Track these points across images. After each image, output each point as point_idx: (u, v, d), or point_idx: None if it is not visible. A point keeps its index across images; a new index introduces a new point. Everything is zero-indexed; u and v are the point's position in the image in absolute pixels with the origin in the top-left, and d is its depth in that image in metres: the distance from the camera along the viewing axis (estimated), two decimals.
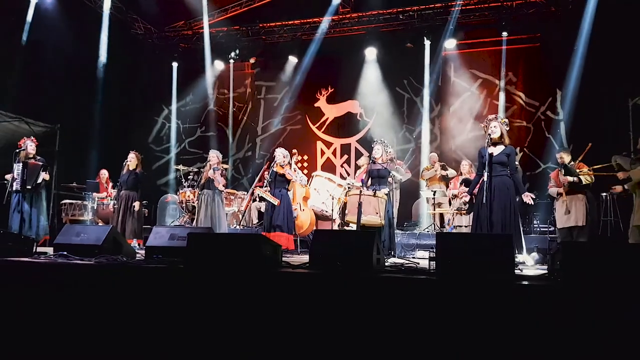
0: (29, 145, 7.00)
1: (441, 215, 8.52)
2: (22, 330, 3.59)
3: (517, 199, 5.08)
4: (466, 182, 7.33)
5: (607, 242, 7.27)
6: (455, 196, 7.68)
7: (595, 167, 6.31)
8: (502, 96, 10.22)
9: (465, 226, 7.29)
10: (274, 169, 6.82)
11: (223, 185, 7.03)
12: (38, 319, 3.59)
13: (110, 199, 8.18)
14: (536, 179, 9.48)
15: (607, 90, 8.68)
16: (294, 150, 7.47)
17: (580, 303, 2.69)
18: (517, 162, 6.29)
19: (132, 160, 7.31)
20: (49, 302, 3.60)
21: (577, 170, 6.24)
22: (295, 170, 7.22)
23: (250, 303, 3.23)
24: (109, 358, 3.40)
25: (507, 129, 5.26)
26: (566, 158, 6.44)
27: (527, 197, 4.95)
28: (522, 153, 10.03)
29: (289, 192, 6.94)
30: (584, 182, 6.17)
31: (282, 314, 3.14)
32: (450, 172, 8.64)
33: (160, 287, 3.51)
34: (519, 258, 4.73)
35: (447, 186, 8.49)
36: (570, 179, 6.20)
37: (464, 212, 7.37)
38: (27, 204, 6.86)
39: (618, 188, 6.25)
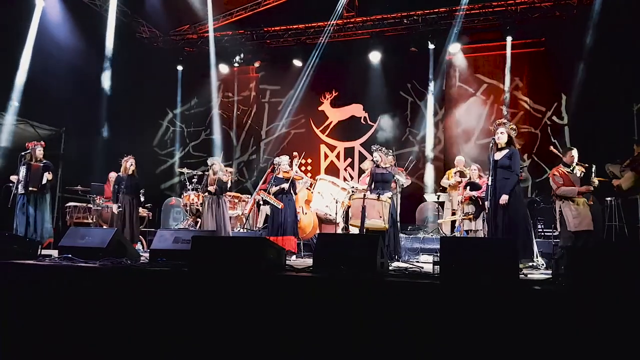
0: (37, 149, 7.05)
1: (452, 222, 8.47)
2: (27, 332, 3.60)
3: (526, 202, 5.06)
4: (471, 186, 7.28)
5: (612, 247, 7.24)
6: (460, 202, 7.61)
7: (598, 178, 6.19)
8: (507, 101, 10.19)
9: (474, 230, 7.25)
10: (279, 176, 6.86)
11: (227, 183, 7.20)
12: (42, 321, 3.60)
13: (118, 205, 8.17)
14: (543, 185, 9.44)
15: (612, 95, 8.66)
16: (295, 153, 7.49)
17: (585, 308, 2.68)
18: (524, 166, 6.13)
19: (132, 165, 7.44)
20: (54, 305, 3.62)
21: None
22: (297, 172, 7.27)
23: (254, 306, 3.23)
24: None
25: (515, 134, 5.25)
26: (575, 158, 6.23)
27: (502, 200, 4.92)
28: (530, 160, 10.00)
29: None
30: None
31: (285, 318, 3.14)
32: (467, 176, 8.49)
33: (164, 290, 3.51)
34: (531, 263, 4.71)
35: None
36: (596, 181, 5.82)
37: (472, 215, 7.32)
38: (32, 206, 6.90)
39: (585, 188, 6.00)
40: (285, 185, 6.77)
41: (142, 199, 7.59)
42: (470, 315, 2.82)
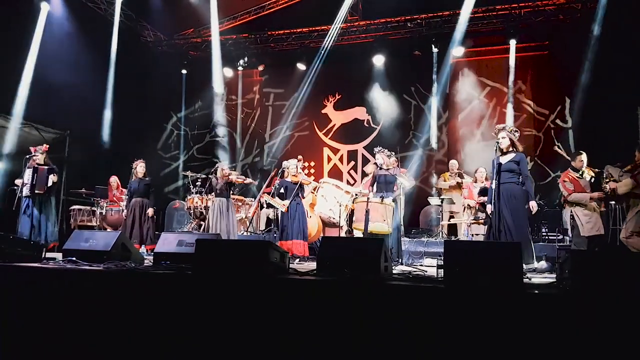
0: (40, 153, 7.11)
1: (454, 225, 8.44)
2: (30, 335, 3.61)
3: (526, 206, 5.05)
4: (483, 192, 7.25)
5: (616, 250, 7.20)
6: (470, 207, 7.56)
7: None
8: (510, 104, 10.19)
9: (483, 234, 7.23)
10: (288, 180, 6.86)
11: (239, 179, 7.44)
12: (46, 324, 3.61)
13: (124, 206, 8.18)
14: (547, 188, 9.41)
15: (616, 98, 8.63)
16: (299, 157, 7.50)
17: (589, 312, 2.67)
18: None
19: (141, 168, 7.49)
20: (58, 308, 3.63)
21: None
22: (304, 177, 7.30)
23: (258, 309, 3.23)
24: None
25: (518, 136, 5.24)
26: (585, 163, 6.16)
27: (532, 206, 4.92)
28: (532, 162, 9.98)
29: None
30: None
31: (289, 321, 3.14)
32: (467, 178, 8.53)
33: (168, 293, 3.52)
34: (529, 266, 4.70)
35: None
36: (607, 187, 5.71)
37: (482, 221, 7.29)
38: (37, 209, 6.94)
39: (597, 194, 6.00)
40: (287, 202, 6.73)
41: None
42: (475, 319, 2.81)
